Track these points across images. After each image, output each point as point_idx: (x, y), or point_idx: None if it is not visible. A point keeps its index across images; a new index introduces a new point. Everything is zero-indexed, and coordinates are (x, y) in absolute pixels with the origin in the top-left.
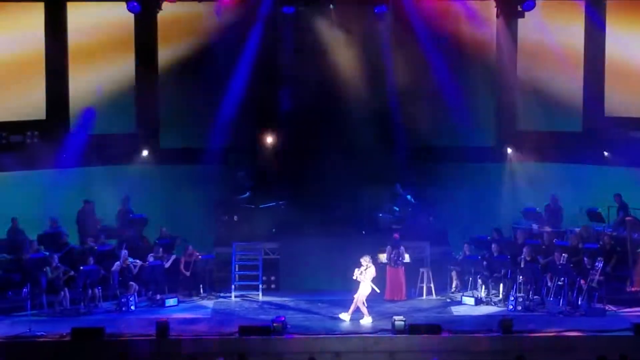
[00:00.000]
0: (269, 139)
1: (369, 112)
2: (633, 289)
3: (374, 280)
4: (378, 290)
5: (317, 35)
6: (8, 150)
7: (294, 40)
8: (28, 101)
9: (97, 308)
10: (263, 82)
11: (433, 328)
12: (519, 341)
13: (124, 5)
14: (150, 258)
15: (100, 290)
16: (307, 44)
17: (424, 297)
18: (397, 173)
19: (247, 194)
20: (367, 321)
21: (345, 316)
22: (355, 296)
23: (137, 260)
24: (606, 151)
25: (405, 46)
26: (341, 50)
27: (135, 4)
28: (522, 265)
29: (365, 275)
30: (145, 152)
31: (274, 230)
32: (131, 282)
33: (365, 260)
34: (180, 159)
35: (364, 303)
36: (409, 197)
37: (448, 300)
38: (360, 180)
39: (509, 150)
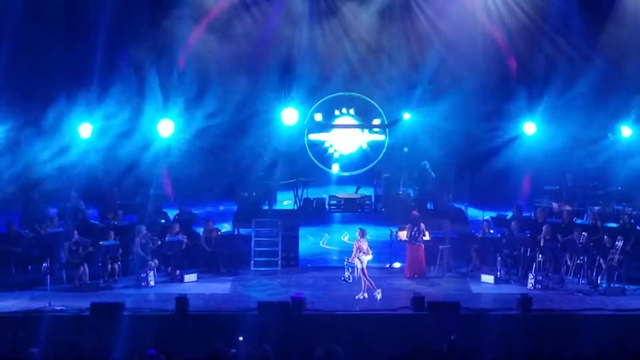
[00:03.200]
0: None
1: None
2: None
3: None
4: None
5: None
6: None
7: None
8: None
9: (116, 283)
10: None
11: (452, 306)
12: (538, 320)
13: None
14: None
15: (120, 265)
16: None
17: (444, 274)
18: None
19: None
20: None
21: (361, 295)
22: (360, 273)
23: (155, 237)
24: None
25: None
26: None
27: None
28: (541, 244)
29: (360, 247)
30: None
31: (294, 206)
32: (151, 261)
33: (359, 233)
34: None
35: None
36: (432, 173)
37: (467, 278)
38: None
39: None
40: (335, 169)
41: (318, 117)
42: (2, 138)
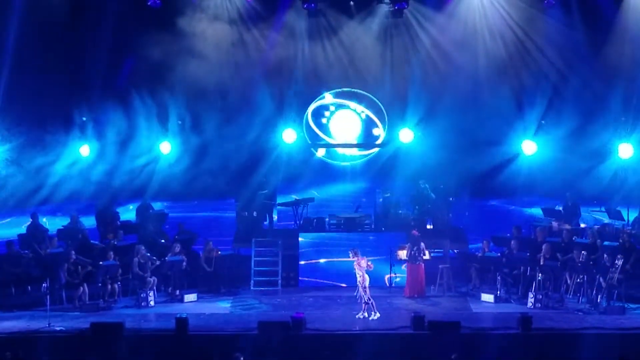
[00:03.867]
0: None
1: None
2: None
3: None
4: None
5: None
6: None
7: None
8: None
9: (116, 303)
10: None
11: (452, 325)
12: (538, 339)
13: None
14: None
15: (119, 285)
16: None
17: (444, 294)
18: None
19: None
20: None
21: (361, 315)
22: (363, 293)
23: (154, 257)
24: None
25: None
26: None
27: None
28: (541, 263)
29: (361, 265)
30: None
31: (294, 225)
32: (149, 278)
33: (353, 254)
34: None
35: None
36: (432, 194)
37: (467, 297)
38: None
39: None
40: (320, 153)
41: (328, 97)
42: (3, 159)
